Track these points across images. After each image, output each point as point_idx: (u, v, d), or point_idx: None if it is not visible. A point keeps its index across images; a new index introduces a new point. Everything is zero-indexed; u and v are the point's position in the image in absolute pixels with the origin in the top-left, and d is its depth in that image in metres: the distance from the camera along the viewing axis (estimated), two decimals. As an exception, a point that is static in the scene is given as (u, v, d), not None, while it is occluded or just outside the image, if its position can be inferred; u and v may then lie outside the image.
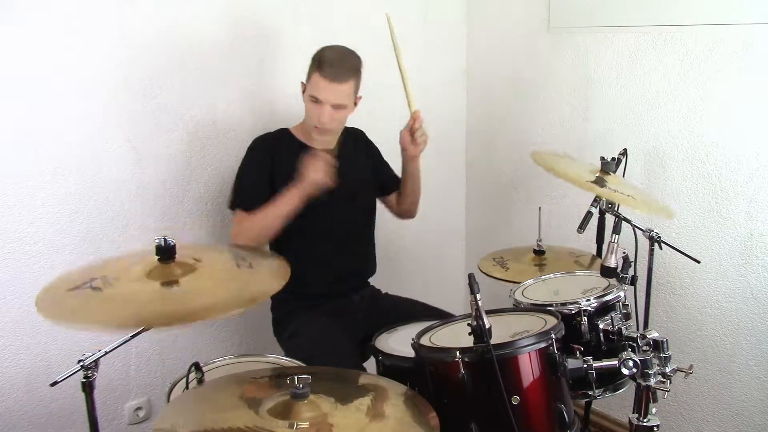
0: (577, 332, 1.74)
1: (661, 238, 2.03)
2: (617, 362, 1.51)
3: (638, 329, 1.95)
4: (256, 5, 2.38)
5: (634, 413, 1.56)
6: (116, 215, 2.19)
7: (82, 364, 1.41)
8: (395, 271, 2.39)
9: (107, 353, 1.46)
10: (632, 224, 1.99)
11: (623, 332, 1.74)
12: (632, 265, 1.80)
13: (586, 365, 1.55)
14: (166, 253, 1.48)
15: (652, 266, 2.06)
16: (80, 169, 2.10)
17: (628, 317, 1.83)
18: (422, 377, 1.55)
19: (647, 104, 2.42)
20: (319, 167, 1.99)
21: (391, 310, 2.22)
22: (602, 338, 1.77)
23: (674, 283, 2.42)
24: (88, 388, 1.42)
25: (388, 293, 2.36)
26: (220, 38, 2.31)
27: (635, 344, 1.56)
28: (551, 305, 1.78)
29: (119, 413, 2.30)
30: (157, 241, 1.49)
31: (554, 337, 1.51)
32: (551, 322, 1.60)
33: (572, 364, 1.55)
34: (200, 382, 1.55)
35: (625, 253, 1.77)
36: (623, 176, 2.21)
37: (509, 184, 2.96)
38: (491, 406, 1.45)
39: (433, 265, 3.07)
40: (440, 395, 1.49)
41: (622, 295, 1.83)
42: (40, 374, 2.09)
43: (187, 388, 1.55)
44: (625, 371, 1.50)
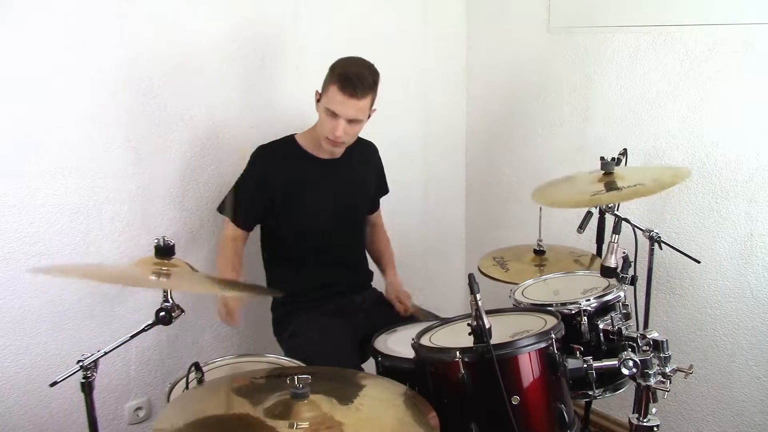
0: (577, 332, 1.74)
1: (661, 238, 2.03)
2: (617, 362, 1.51)
3: (638, 329, 1.95)
4: (256, 5, 2.38)
5: (634, 413, 1.56)
6: (116, 215, 2.19)
7: (81, 364, 1.41)
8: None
9: (107, 353, 1.46)
10: (632, 224, 1.99)
11: (623, 332, 1.74)
12: (632, 265, 1.80)
13: (586, 365, 1.56)
14: (164, 252, 1.48)
15: (652, 266, 2.06)
16: (80, 169, 2.10)
17: (628, 317, 1.83)
18: (422, 377, 1.55)
19: (647, 104, 2.42)
20: (224, 313, 2.05)
21: (391, 310, 2.22)
22: (602, 338, 1.77)
23: (674, 283, 2.42)
24: (87, 388, 1.42)
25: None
26: (220, 38, 2.31)
27: (635, 344, 1.56)
28: (551, 305, 1.78)
29: (119, 413, 2.30)
30: (155, 241, 1.49)
31: (554, 337, 1.51)
32: (551, 322, 1.60)
33: (572, 364, 1.55)
34: (200, 382, 1.55)
35: (625, 253, 1.77)
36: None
37: (509, 184, 2.96)
38: (491, 406, 1.46)
39: (433, 265, 3.07)
40: (440, 395, 1.49)
41: (622, 295, 1.83)
42: (40, 374, 2.09)
43: (187, 388, 1.55)
44: (625, 371, 1.50)
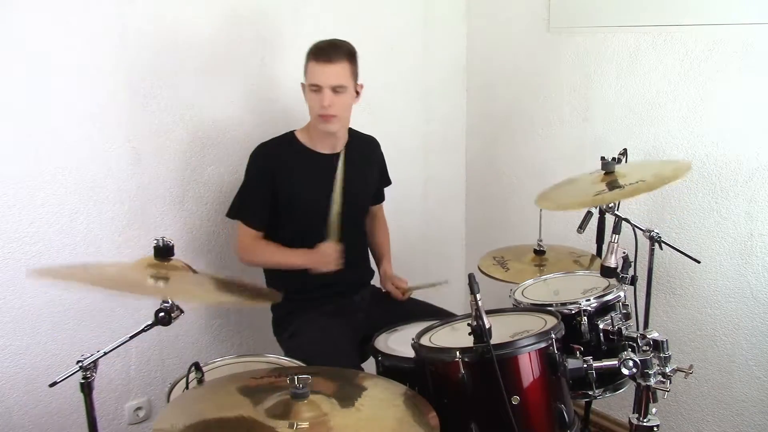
0: (577, 332, 1.74)
1: (661, 238, 2.03)
2: (617, 362, 1.51)
3: (638, 329, 1.95)
4: (256, 5, 2.38)
5: (634, 413, 1.56)
6: (116, 215, 2.19)
7: (80, 365, 1.41)
8: (395, 270, 2.39)
9: (106, 354, 1.46)
10: (632, 224, 1.99)
11: (623, 332, 1.74)
12: (632, 265, 1.80)
13: (586, 365, 1.55)
14: (164, 253, 1.48)
15: (652, 266, 2.06)
16: (80, 169, 2.10)
17: (628, 317, 1.83)
18: (422, 377, 1.55)
19: (647, 104, 2.42)
20: (329, 260, 2.09)
21: (391, 310, 2.22)
22: (602, 338, 1.77)
23: (674, 283, 2.42)
24: (86, 388, 1.42)
25: (388, 293, 2.36)
26: (220, 38, 2.31)
27: (635, 344, 1.56)
28: (551, 305, 1.78)
29: (119, 413, 2.30)
30: (155, 241, 1.49)
31: (554, 337, 1.51)
32: (551, 322, 1.60)
33: (572, 364, 1.55)
34: (200, 382, 1.55)
35: (625, 253, 1.77)
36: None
37: (509, 184, 2.96)
38: (491, 406, 1.46)
39: (433, 264, 3.07)
40: (440, 395, 1.49)
41: (622, 295, 1.83)
42: (39, 374, 2.09)
43: (187, 388, 1.55)
44: (625, 371, 1.50)
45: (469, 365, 1.45)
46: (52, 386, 1.44)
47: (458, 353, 1.45)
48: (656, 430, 1.54)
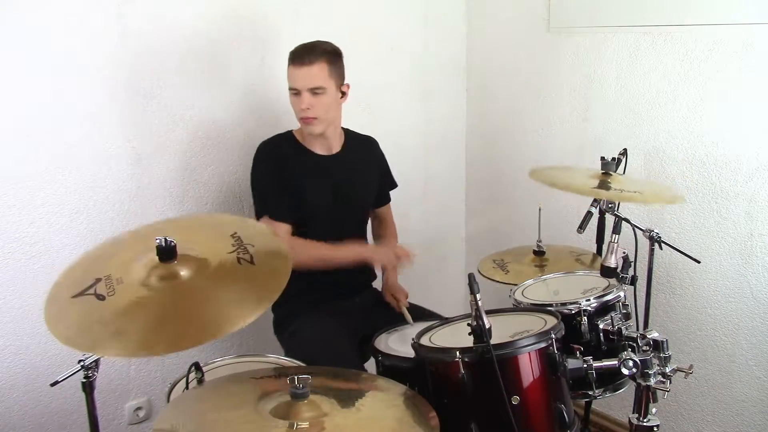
0: (577, 332, 1.74)
1: (661, 238, 2.03)
2: (617, 362, 1.51)
3: (638, 329, 1.94)
4: (256, 5, 2.38)
5: (634, 413, 1.56)
6: (116, 215, 2.19)
7: (82, 364, 1.41)
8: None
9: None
10: (632, 224, 1.99)
11: (623, 332, 1.74)
12: (632, 265, 1.80)
13: (586, 365, 1.55)
14: (166, 253, 1.48)
15: (652, 266, 2.06)
16: (80, 169, 2.10)
17: (628, 317, 1.83)
18: (422, 377, 1.55)
19: (647, 104, 2.42)
20: (392, 257, 2.15)
21: (391, 310, 2.22)
22: (602, 338, 1.77)
23: (674, 283, 2.42)
24: (88, 388, 1.42)
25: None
26: (220, 38, 2.31)
27: (635, 344, 1.56)
28: (551, 305, 1.78)
29: (119, 413, 2.30)
30: (157, 241, 1.49)
31: (554, 337, 1.51)
32: (551, 322, 1.60)
33: (572, 364, 1.55)
34: (200, 382, 1.54)
35: (625, 253, 1.77)
36: (623, 173, 2.20)
37: (509, 184, 2.96)
38: (491, 406, 1.46)
39: (433, 265, 3.07)
40: (440, 395, 1.49)
41: (622, 295, 1.83)
42: (40, 374, 2.09)
43: (187, 388, 1.55)
44: (625, 371, 1.50)
45: (469, 365, 1.45)
46: (53, 385, 1.45)
47: (458, 353, 1.45)
48: (656, 430, 1.54)
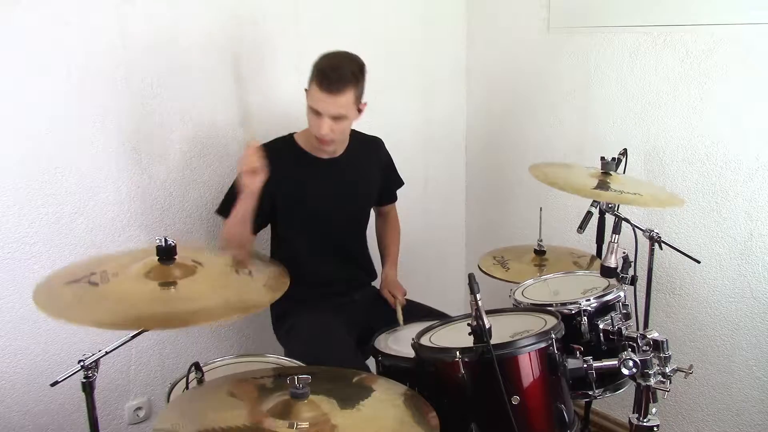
0: (577, 332, 1.74)
1: (661, 238, 2.03)
2: (617, 362, 1.51)
3: (638, 329, 1.95)
4: (256, 6, 2.38)
5: (634, 413, 1.56)
6: (116, 215, 2.18)
7: (82, 364, 1.41)
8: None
9: (107, 353, 1.46)
10: (632, 224, 1.99)
11: (623, 332, 1.74)
12: (632, 265, 1.80)
13: (586, 365, 1.56)
14: (166, 253, 1.48)
15: (652, 266, 2.06)
16: (80, 169, 2.10)
17: (628, 317, 1.83)
18: (422, 377, 1.55)
19: (647, 104, 2.42)
20: (246, 161, 1.91)
21: (391, 310, 2.22)
22: (602, 338, 1.77)
23: (674, 283, 2.42)
24: (88, 388, 1.42)
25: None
26: (220, 38, 2.31)
27: (635, 344, 1.56)
28: (551, 305, 1.78)
29: (119, 413, 2.30)
30: (158, 241, 1.49)
31: (554, 337, 1.52)
32: (551, 322, 1.60)
33: (572, 364, 1.55)
34: (200, 382, 1.55)
35: (625, 253, 1.77)
36: (623, 173, 2.20)
37: (509, 183, 2.96)
38: (491, 406, 1.46)
39: (433, 264, 3.07)
40: (440, 395, 1.49)
41: (622, 295, 1.83)
42: (40, 374, 2.09)
43: (187, 388, 1.55)
44: (625, 371, 1.50)
45: (469, 365, 1.45)
46: (53, 385, 1.45)
47: (458, 353, 1.45)
48: (656, 430, 1.54)
